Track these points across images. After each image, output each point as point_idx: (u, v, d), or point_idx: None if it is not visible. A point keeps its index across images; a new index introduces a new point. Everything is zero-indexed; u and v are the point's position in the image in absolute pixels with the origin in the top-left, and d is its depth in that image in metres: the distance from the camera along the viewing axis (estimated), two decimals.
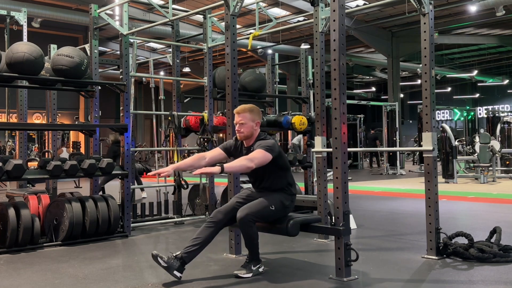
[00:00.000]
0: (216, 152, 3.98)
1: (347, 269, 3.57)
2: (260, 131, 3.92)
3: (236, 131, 3.89)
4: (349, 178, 4.04)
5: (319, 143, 4.59)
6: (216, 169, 3.50)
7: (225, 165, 3.58)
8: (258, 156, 3.64)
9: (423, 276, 3.72)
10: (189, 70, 22.97)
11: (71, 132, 21.40)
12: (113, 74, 17.05)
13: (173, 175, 6.68)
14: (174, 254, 3.61)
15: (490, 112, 16.82)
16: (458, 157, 12.53)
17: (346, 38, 3.73)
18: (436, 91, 4.33)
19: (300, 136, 11.86)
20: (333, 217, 3.66)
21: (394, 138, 16.42)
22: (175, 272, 3.56)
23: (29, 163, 7.37)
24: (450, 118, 29.84)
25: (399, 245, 4.91)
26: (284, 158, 3.91)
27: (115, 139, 9.36)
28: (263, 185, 3.88)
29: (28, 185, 9.26)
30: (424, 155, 4.27)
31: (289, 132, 17.33)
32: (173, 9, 5.97)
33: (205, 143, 6.31)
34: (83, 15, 16.07)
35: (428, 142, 4.18)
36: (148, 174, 4.06)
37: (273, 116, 7.07)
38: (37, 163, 5.39)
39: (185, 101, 6.80)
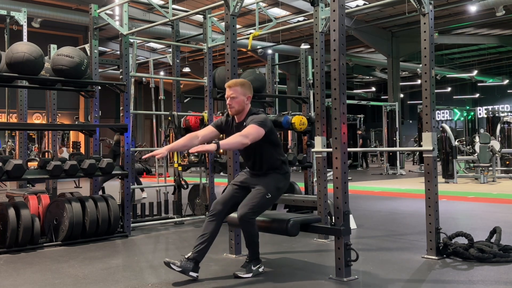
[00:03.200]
0: (208, 130, 3.96)
1: (347, 269, 3.57)
2: (251, 106, 3.88)
3: (228, 105, 3.84)
4: (349, 178, 4.04)
5: (319, 143, 4.59)
6: (212, 146, 3.49)
7: (220, 142, 3.56)
8: (252, 131, 3.61)
9: (423, 276, 3.72)
10: (189, 70, 22.97)
11: (71, 132, 21.41)
12: (113, 74, 17.05)
13: (173, 175, 6.69)
14: (185, 256, 3.63)
15: (490, 112, 16.82)
16: (458, 157, 12.53)
17: (346, 38, 3.73)
18: (436, 91, 4.33)
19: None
20: (333, 217, 3.66)
21: (394, 138, 16.42)
22: (191, 273, 3.59)
23: (29, 163, 7.37)
24: (450, 118, 29.84)
25: (399, 245, 4.91)
26: (275, 134, 3.89)
27: (117, 140, 9.37)
28: (257, 163, 3.81)
29: (28, 185, 9.26)
30: (424, 155, 4.27)
31: (289, 132, 17.32)
32: (173, 9, 5.97)
33: (205, 143, 6.29)
34: (83, 15, 16.07)
35: (428, 142, 4.18)
36: (144, 156, 4.07)
37: (273, 116, 7.06)
38: (37, 163, 5.39)
39: (185, 101, 6.80)
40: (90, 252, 4.72)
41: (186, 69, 22.43)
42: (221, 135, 4.12)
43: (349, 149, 3.79)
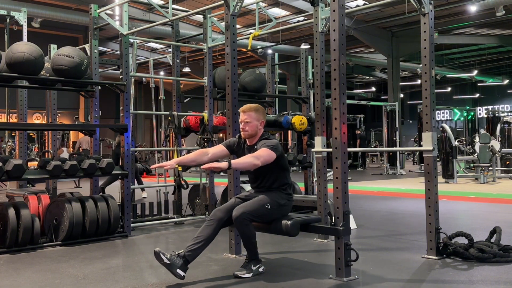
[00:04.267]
0: (219, 148, 4.03)
1: (347, 269, 3.57)
2: (263, 131, 3.97)
3: (241, 129, 3.93)
4: (349, 178, 4.04)
5: (319, 143, 4.59)
6: (224, 164, 3.54)
7: (232, 161, 3.61)
8: (264, 154, 3.69)
9: (423, 276, 3.72)
10: (189, 70, 22.97)
11: (71, 132, 21.41)
12: (113, 74, 17.05)
13: (173, 175, 6.69)
14: (176, 253, 3.58)
15: (490, 112, 16.82)
16: (458, 157, 12.53)
17: (346, 38, 3.73)
18: (436, 91, 4.33)
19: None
20: (333, 217, 3.66)
21: (394, 138, 16.42)
22: (178, 271, 3.49)
23: (29, 163, 7.36)
24: (450, 118, 29.86)
25: (399, 245, 4.91)
26: (285, 159, 3.97)
27: (119, 141, 9.35)
28: (263, 184, 3.92)
29: (28, 185, 9.26)
30: (424, 155, 4.27)
31: (289, 132, 17.32)
32: (173, 9, 5.97)
33: (205, 143, 6.30)
34: (83, 15, 16.08)
35: (428, 142, 4.18)
36: (151, 166, 4.08)
37: (273, 116, 7.07)
38: (37, 163, 5.39)
39: (185, 101, 6.80)
40: (90, 252, 4.72)
41: (186, 69, 22.43)
42: (231, 156, 4.16)
43: (349, 149, 3.79)
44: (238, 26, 5.01)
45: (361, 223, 6.01)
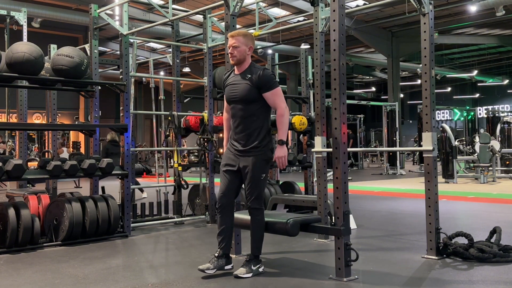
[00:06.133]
0: (227, 105, 4.00)
1: (347, 269, 3.57)
2: (251, 61, 3.87)
3: (229, 54, 3.85)
4: (349, 178, 4.04)
5: (319, 143, 4.59)
6: (284, 151, 3.71)
7: (280, 138, 3.73)
8: (278, 98, 3.79)
9: (423, 276, 3.72)
10: (189, 70, 22.97)
11: (71, 132, 21.41)
12: (113, 74, 17.07)
13: (173, 175, 6.69)
14: (215, 255, 3.76)
15: (490, 112, 16.82)
16: (458, 157, 12.53)
17: (346, 38, 3.73)
18: (436, 91, 4.33)
19: None
20: (333, 217, 3.66)
21: (394, 138, 16.42)
22: (226, 267, 3.77)
23: (29, 163, 7.37)
24: (450, 118, 29.86)
25: (399, 245, 4.91)
26: None
27: (112, 138, 9.35)
28: (247, 126, 3.79)
29: (28, 185, 9.26)
30: (424, 155, 4.27)
31: (289, 132, 17.31)
32: (173, 9, 5.98)
33: (205, 143, 6.30)
34: (83, 15, 16.08)
35: (428, 142, 4.18)
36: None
37: (273, 116, 7.06)
38: (37, 163, 5.39)
39: (185, 101, 6.80)
40: (90, 252, 4.72)
41: (186, 69, 22.43)
42: None
43: (349, 149, 3.79)
44: (238, 26, 5.00)
45: (361, 223, 6.01)
